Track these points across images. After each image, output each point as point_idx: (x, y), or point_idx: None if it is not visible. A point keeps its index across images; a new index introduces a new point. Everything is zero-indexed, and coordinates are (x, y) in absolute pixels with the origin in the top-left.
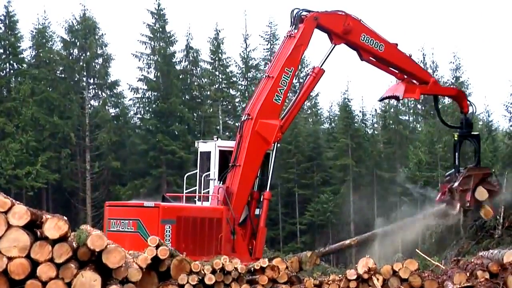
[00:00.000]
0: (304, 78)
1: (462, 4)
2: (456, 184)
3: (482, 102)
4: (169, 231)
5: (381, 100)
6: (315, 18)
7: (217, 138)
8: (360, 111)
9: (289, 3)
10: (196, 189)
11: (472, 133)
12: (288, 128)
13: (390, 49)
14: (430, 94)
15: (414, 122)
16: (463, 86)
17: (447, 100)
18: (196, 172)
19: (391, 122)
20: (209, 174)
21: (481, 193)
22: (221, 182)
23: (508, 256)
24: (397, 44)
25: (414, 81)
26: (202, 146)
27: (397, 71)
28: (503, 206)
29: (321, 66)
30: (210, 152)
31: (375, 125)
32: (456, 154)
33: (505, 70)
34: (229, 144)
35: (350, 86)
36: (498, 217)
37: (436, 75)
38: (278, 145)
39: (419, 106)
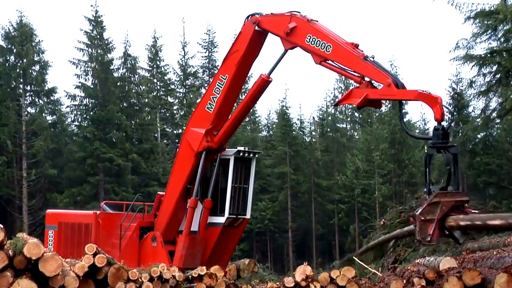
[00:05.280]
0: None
1: (396, 13)
2: (418, 211)
3: (419, 110)
4: (52, 236)
5: (336, 105)
6: (253, 22)
7: None
8: (298, 119)
9: (226, 11)
10: None
11: (448, 145)
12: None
13: (338, 49)
14: (383, 99)
15: (352, 130)
16: None
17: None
18: None
19: (328, 130)
20: None
21: None
22: None
23: (444, 263)
24: (356, 45)
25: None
26: None
27: (355, 75)
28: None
29: (269, 73)
30: None
31: (313, 133)
32: (427, 170)
33: (440, 79)
34: None
35: (288, 94)
36: None
37: None
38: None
39: (356, 114)
